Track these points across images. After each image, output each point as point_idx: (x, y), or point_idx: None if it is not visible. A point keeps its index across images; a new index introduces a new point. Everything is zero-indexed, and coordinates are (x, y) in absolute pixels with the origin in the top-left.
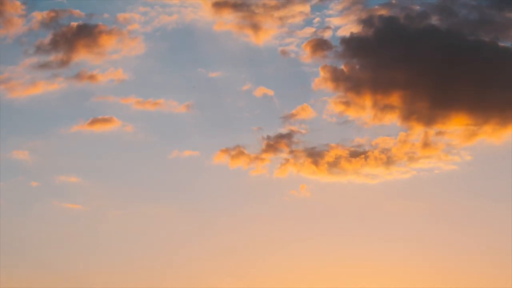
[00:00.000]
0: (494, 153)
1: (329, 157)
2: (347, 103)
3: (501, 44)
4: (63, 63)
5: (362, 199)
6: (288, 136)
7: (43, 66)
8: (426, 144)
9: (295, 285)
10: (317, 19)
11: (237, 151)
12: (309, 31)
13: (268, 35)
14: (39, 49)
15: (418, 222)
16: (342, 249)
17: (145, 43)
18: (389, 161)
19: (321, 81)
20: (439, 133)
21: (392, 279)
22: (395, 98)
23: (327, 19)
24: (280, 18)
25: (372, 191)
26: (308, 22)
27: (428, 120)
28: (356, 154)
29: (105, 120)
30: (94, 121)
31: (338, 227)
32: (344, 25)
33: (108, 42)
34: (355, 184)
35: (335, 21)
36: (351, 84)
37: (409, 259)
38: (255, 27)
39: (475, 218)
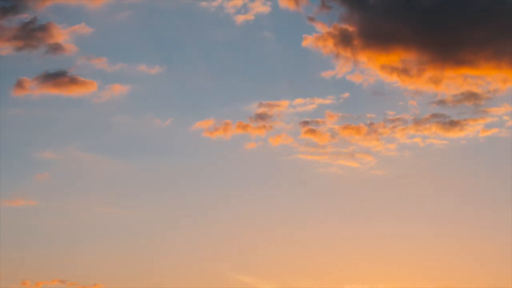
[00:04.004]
0: None
1: (326, 126)
2: (343, 63)
3: None
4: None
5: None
6: (279, 104)
7: None
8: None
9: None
10: None
11: (225, 123)
12: None
13: None
14: None
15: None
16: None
17: None
18: (389, 133)
19: (312, 40)
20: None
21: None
22: (394, 56)
23: None
24: None
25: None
26: None
27: (435, 79)
28: (357, 122)
29: (77, 84)
30: (64, 84)
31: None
32: None
33: None
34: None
35: None
36: (346, 41)
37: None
38: None
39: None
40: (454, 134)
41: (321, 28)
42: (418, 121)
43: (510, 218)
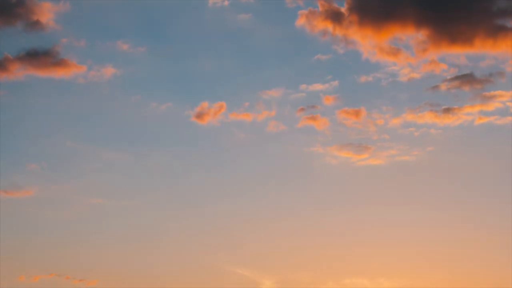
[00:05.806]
0: None
1: (322, 114)
2: (340, 42)
3: None
4: None
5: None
6: (273, 91)
7: None
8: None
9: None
10: None
11: (220, 111)
12: None
13: None
14: None
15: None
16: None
17: None
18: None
19: (305, 18)
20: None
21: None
22: (388, 34)
23: None
24: None
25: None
26: None
27: (432, 60)
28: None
29: (62, 65)
30: (48, 66)
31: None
32: None
33: None
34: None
35: None
36: (337, 19)
37: None
38: None
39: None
40: (450, 121)
41: (307, 5)
42: (413, 109)
43: (509, 210)
